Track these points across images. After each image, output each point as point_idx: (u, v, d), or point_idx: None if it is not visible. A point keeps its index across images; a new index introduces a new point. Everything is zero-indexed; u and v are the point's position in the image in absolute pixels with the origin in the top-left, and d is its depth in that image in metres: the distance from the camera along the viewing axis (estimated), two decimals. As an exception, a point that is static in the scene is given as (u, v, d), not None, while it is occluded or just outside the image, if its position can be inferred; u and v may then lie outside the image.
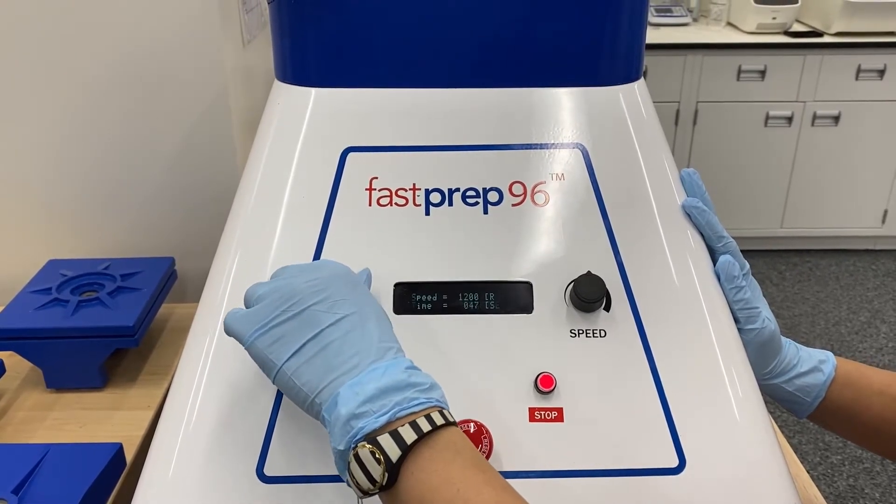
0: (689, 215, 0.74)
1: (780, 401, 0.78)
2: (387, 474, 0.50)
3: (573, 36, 0.75)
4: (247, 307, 0.60)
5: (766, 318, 0.72)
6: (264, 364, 0.57)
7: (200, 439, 0.64)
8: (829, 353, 0.77)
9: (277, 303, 0.56)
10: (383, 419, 0.51)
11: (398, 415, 0.51)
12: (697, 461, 0.63)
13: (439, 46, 0.75)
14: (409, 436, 0.51)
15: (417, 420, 0.51)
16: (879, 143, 3.35)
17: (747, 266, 0.74)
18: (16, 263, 1.23)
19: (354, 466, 0.51)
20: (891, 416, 0.74)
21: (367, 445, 0.51)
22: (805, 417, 0.78)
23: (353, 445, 0.52)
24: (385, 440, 0.51)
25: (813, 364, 0.76)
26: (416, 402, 0.52)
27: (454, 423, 0.54)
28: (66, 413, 1.00)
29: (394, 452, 0.50)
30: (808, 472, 1.01)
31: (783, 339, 0.76)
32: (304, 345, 0.55)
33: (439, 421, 0.52)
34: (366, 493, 0.52)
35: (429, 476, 0.50)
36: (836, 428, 0.80)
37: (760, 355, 0.73)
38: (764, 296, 0.76)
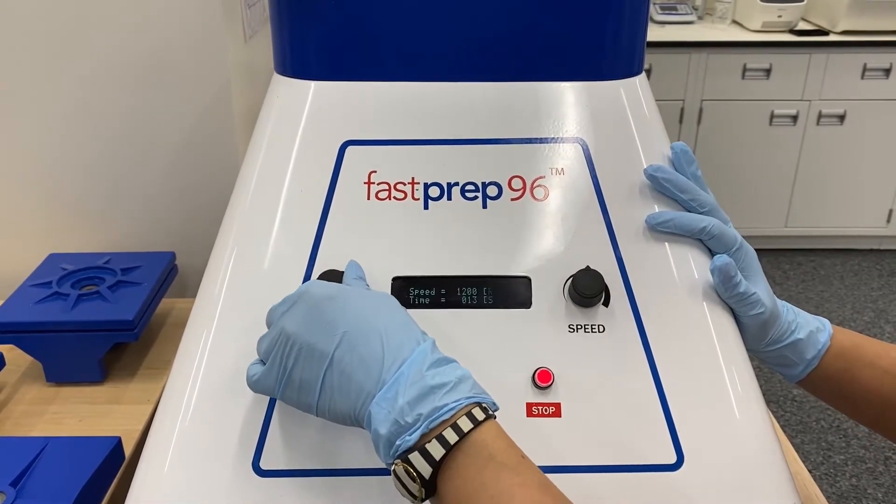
0: (653, 182, 0.73)
1: (771, 364, 0.77)
2: (423, 489, 0.52)
3: (574, 30, 0.75)
4: (259, 356, 0.61)
5: (763, 302, 0.70)
6: (304, 409, 0.59)
7: (196, 433, 0.63)
8: (826, 322, 0.77)
9: (279, 352, 0.58)
10: (416, 435, 0.52)
11: (430, 426, 0.53)
12: (696, 457, 0.63)
13: (439, 40, 0.75)
14: (437, 451, 0.52)
15: (444, 433, 0.52)
16: (885, 143, 3.34)
17: (739, 239, 0.73)
18: (16, 257, 1.24)
19: (396, 482, 0.54)
20: (878, 388, 0.73)
21: (402, 464, 0.53)
22: (794, 382, 0.77)
23: (391, 462, 0.54)
24: (416, 458, 0.52)
25: (809, 331, 0.75)
26: (443, 409, 0.53)
27: (489, 416, 0.54)
28: (65, 407, 1.00)
29: (425, 469, 0.52)
30: (810, 471, 1.00)
31: (780, 304, 0.75)
32: (324, 378, 0.56)
33: (467, 427, 0.53)
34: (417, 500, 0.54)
35: (464, 483, 0.52)
36: (822, 395, 0.79)
37: (760, 331, 0.72)
38: None
